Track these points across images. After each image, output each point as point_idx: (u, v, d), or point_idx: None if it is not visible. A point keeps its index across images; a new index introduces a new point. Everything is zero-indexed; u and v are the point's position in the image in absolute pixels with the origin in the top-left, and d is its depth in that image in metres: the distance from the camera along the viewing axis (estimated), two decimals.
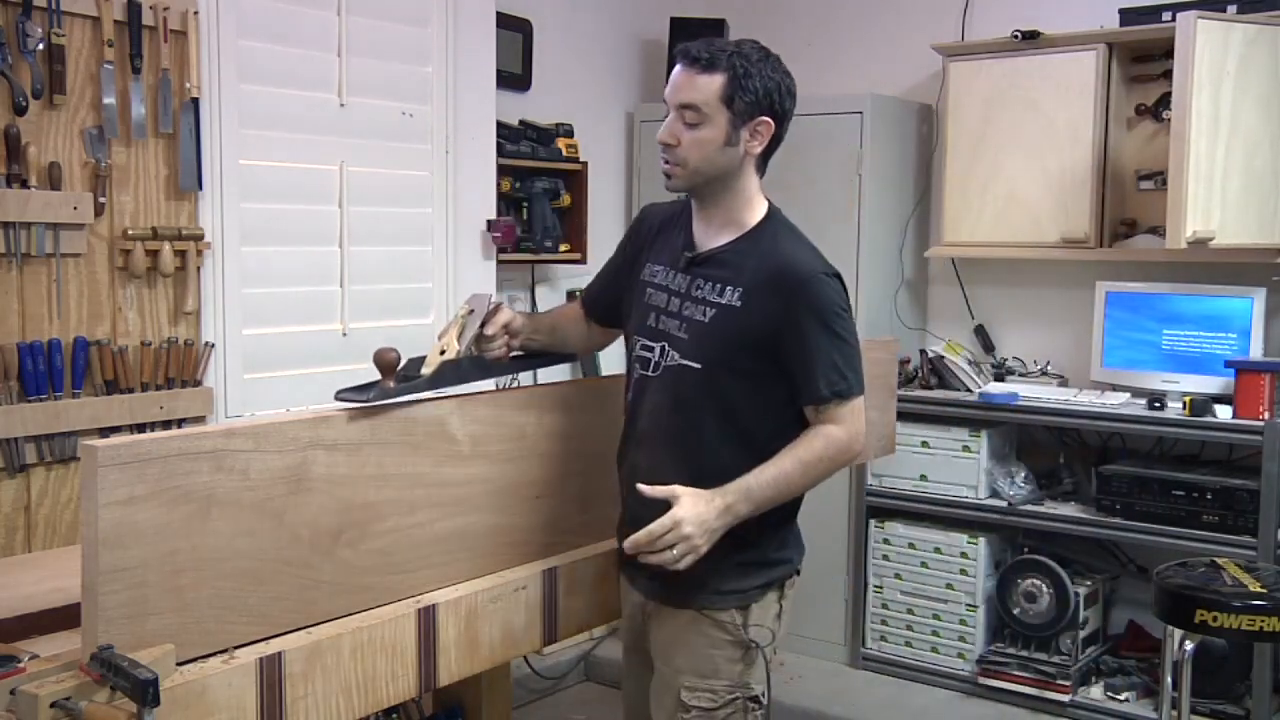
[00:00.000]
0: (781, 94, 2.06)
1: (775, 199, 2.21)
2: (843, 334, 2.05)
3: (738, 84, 2.01)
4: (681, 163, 2.05)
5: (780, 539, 2.15)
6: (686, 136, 2.03)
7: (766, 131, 2.06)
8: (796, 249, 2.10)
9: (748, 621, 2.09)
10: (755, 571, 2.11)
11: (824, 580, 4.28)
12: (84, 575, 1.59)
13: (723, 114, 2.01)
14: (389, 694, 1.95)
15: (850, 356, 2.06)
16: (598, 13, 4.56)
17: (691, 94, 2.01)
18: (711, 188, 2.09)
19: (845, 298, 2.09)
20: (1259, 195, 3.57)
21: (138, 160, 2.90)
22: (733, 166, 2.06)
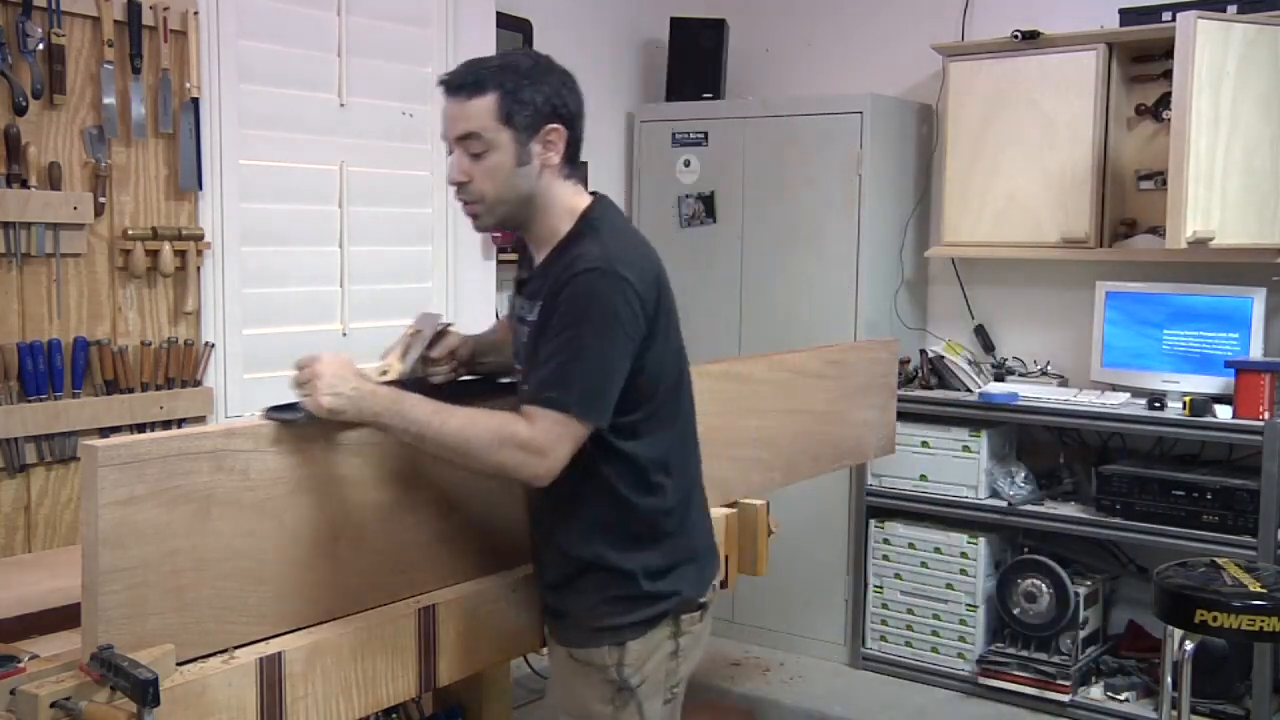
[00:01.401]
0: (562, 96, 1.91)
1: (775, 199, 2.19)
2: (581, 338, 1.82)
3: (512, 99, 1.86)
4: (479, 199, 1.90)
5: (657, 569, 1.96)
6: (476, 170, 1.88)
7: (559, 138, 1.91)
8: (588, 246, 1.88)
9: (623, 661, 1.94)
10: (631, 607, 1.95)
11: (824, 580, 4.28)
12: (84, 575, 1.59)
13: (505, 134, 1.87)
14: (389, 694, 1.94)
15: (577, 368, 1.82)
16: (598, 13, 4.56)
17: (467, 123, 1.87)
18: (522, 213, 1.94)
19: (616, 296, 1.83)
20: (1259, 195, 3.57)
21: (138, 160, 2.90)
22: (534, 185, 1.91)
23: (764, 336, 4.27)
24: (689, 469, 2.06)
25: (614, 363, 1.84)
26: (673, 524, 1.99)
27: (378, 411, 1.79)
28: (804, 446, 3.00)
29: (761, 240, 4.33)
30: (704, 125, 4.44)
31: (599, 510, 1.94)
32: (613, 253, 1.86)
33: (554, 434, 1.81)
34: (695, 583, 2.02)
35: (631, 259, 1.89)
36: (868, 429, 3.27)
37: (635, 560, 1.94)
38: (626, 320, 1.84)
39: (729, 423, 2.70)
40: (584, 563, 1.96)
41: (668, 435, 1.98)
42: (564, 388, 1.81)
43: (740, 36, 4.72)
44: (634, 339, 1.85)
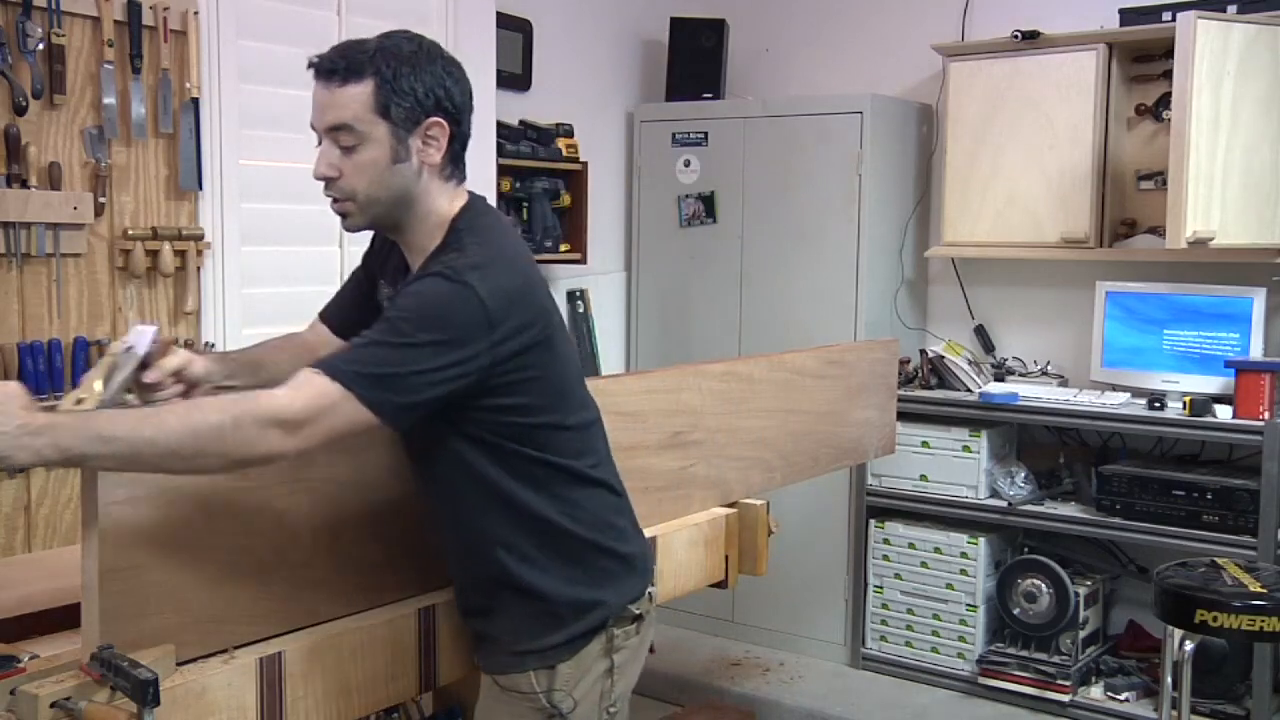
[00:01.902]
0: (447, 88, 1.73)
1: (775, 199, 2.16)
2: (398, 328, 1.62)
3: (390, 89, 1.68)
4: (350, 196, 1.72)
5: (574, 578, 1.82)
6: (346, 164, 1.70)
7: (441, 134, 1.73)
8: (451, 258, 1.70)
9: (553, 685, 1.80)
10: (553, 626, 1.80)
11: (824, 580, 4.28)
12: (84, 575, 1.59)
13: (381, 127, 1.69)
14: (389, 694, 1.94)
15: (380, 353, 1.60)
16: (598, 13, 4.56)
17: (338, 113, 1.68)
18: (395, 214, 1.75)
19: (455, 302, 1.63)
20: (1259, 195, 3.57)
21: (138, 160, 2.90)
22: (410, 184, 1.73)
23: (764, 336, 4.27)
24: (604, 474, 1.90)
25: (424, 366, 1.60)
26: (589, 531, 1.84)
27: (65, 445, 1.44)
28: (804, 446, 3.00)
29: (761, 240, 4.33)
30: (704, 125, 4.43)
31: (503, 523, 1.79)
32: (467, 262, 1.67)
33: (317, 403, 1.55)
34: (623, 591, 1.88)
35: (490, 268, 1.68)
36: (868, 429, 3.27)
37: (550, 574, 1.80)
38: (462, 328, 1.63)
39: (729, 423, 2.71)
40: (496, 581, 1.82)
41: (571, 442, 1.82)
42: (351, 363, 1.59)
43: (740, 36, 4.72)
44: (472, 348, 1.64)
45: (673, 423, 2.53)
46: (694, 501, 2.63)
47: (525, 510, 1.79)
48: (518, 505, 1.78)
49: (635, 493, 2.39)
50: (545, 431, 1.78)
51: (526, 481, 1.78)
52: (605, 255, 4.57)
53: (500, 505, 1.78)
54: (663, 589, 2.46)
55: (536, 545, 1.81)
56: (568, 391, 1.84)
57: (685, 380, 2.60)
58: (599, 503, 1.88)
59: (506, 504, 1.78)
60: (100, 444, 1.46)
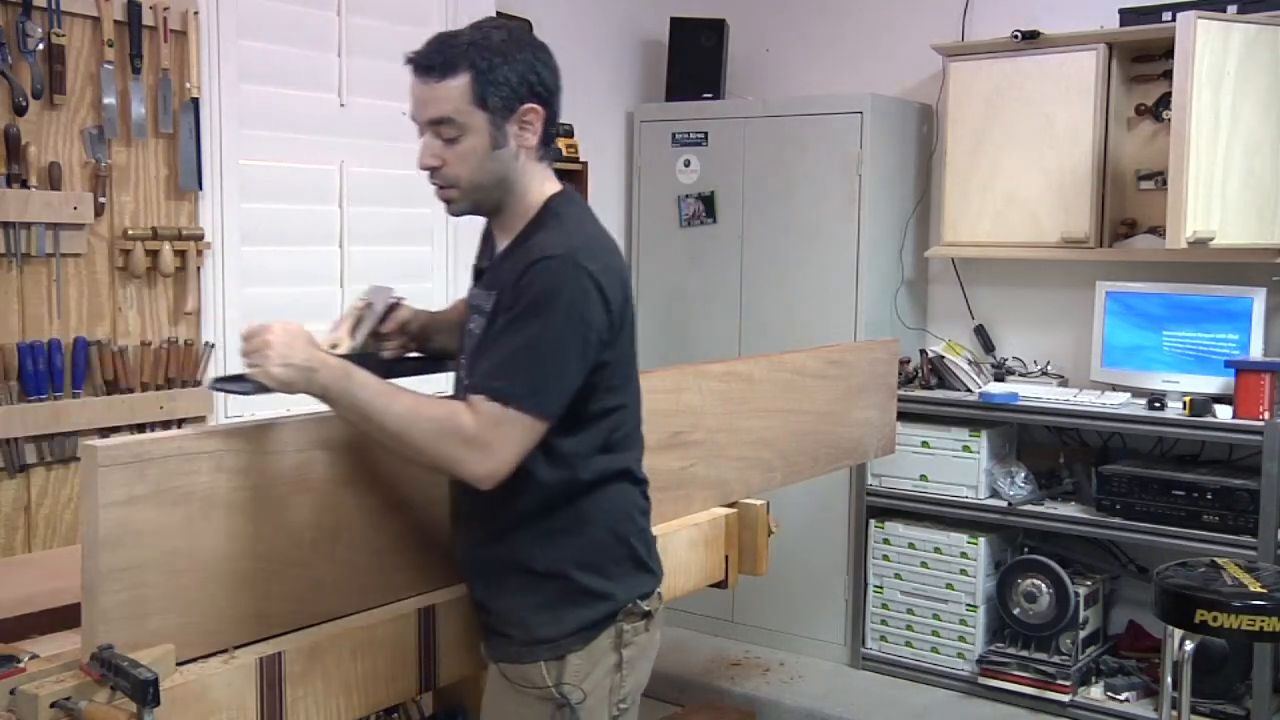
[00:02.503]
0: (539, 73, 1.80)
1: (775, 199, 2.17)
2: (536, 329, 1.71)
3: (486, 80, 1.75)
4: (453, 183, 1.82)
5: (581, 563, 1.84)
6: (449, 154, 1.80)
7: (536, 119, 1.81)
8: (548, 235, 1.79)
9: (562, 677, 1.82)
10: (564, 612, 1.83)
11: (824, 580, 4.28)
12: (84, 575, 1.59)
13: (479, 117, 1.77)
14: (389, 694, 1.94)
15: (530, 359, 1.71)
16: (598, 13, 4.56)
17: (439, 107, 1.77)
18: (494, 197, 1.84)
19: (576, 288, 1.72)
20: (1259, 195, 3.57)
21: (138, 160, 2.90)
22: (510, 168, 1.82)
23: (764, 336, 4.27)
24: (632, 464, 1.93)
25: (569, 358, 1.73)
26: (605, 517, 1.86)
27: (326, 385, 1.69)
28: (804, 446, 3.00)
29: (761, 240, 4.33)
30: (704, 125, 4.43)
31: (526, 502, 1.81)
32: (575, 244, 1.77)
33: (500, 429, 1.70)
34: (634, 586, 1.90)
35: (595, 252, 1.78)
36: (868, 429, 3.27)
37: (562, 556, 1.83)
38: (586, 315, 1.73)
39: (729, 423, 2.71)
40: (509, 564, 1.85)
41: (613, 433, 1.87)
42: (513, 378, 1.70)
43: (740, 36, 4.72)
44: (594, 333, 1.75)
45: (673, 423, 2.53)
46: (694, 501, 2.63)
47: (551, 492, 1.82)
48: (545, 487, 1.81)
49: None
50: (601, 417, 1.83)
51: (559, 465, 1.81)
52: None
53: (528, 485, 1.80)
54: (663, 589, 2.46)
55: (554, 528, 1.84)
56: (631, 378, 1.92)
57: (685, 380, 2.60)
58: (625, 494, 1.91)
59: (535, 484, 1.80)
60: (347, 396, 1.70)
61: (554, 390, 1.73)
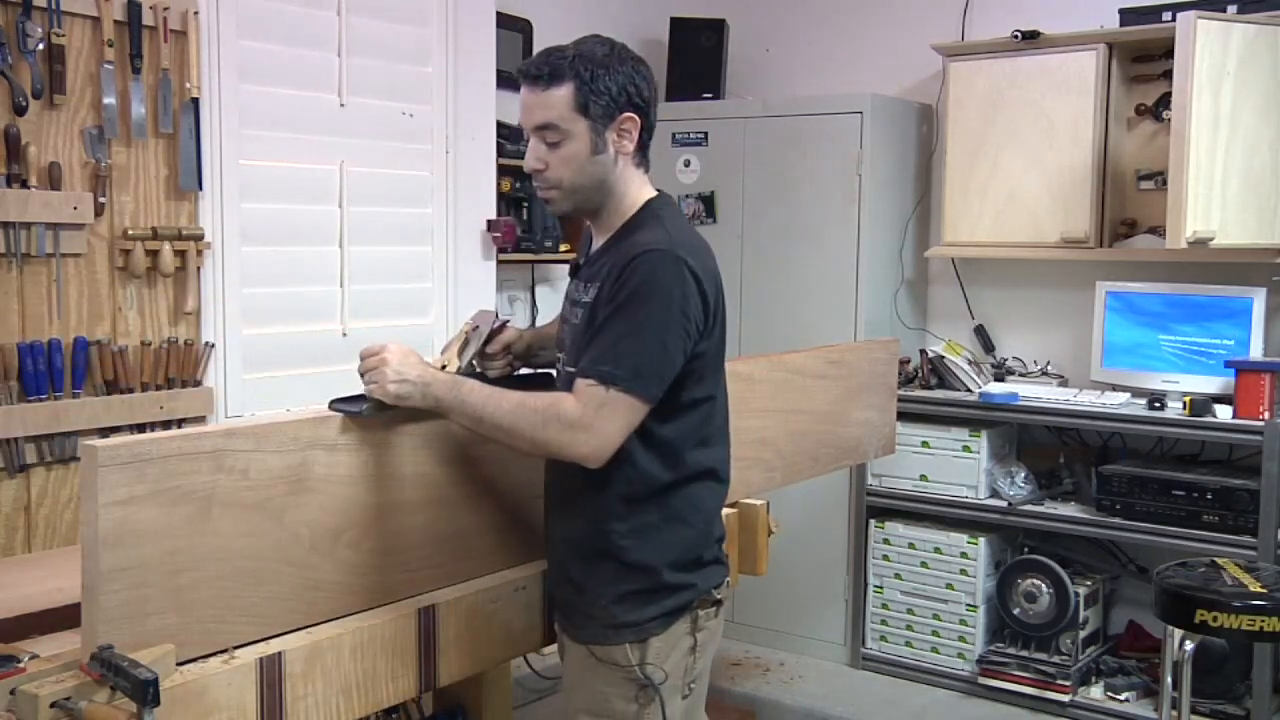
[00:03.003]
0: (637, 85, 1.94)
1: (775, 199, 2.20)
2: (638, 316, 1.83)
3: (588, 89, 1.90)
4: (556, 185, 1.95)
5: (673, 562, 1.95)
6: (553, 158, 1.93)
7: (633, 127, 1.94)
8: (649, 232, 1.91)
9: (645, 658, 1.94)
10: (648, 601, 1.94)
11: (824, 580, 4.28)
12: (84, 575, 1.59)
13: (581, 123, 1.91)
14: (389, 694, 1.94)
15: (633, 344, 1.83)
16: (598, 13, 4.56)
17: (544, 113, 1.91)
18: (594, 199, 1.97)
19: (677, 278, 1.85)
20: (1259, 195, 3.57)
21: (138, 160, 2.90)
22: (608, 172, 1.95)
23: (764, 336, 4.27)
24: (719, 464, 2.04)
25: (670, 343, 1.84)
26: (696, 516, 1.98)
27: (440, 397, 1.86)
28: (804, 446, 3.00)
29: (761, 240, 4.33)
30: (704, 125, 4.44)
31: (626, 498, 1.92)
32: (676, 239, 1.88)
33: (603, 410, 1.81)
34: (710, 577, 2.01)
35: (694, 248, 1.91)
36: (868, 429, 3.27)
37: (656, 552, 1.93)
38: (686, 304, 1.85)
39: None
40: (603, 553, 1.94)
41: (705, 426, 1.97)
42: (616, 362, 1.82)
43: (740, 36, 4.72)
44: (691, 324, 1.86)
45: None
46: None
47: (651, 489, 1.92)
48: (647, 483, 1.92)
49: None
50: (692, 414, 1.93)
51: (660, 461, 1.92)
52: None
53: (630, 481, 1.91)
54: None
55: (650, 525, 1.93)
56: (721, 372, 2.02)
57: None
58: (714, 493, 2.02)
59: (637, 480, 1.91)
60: (460, 404, 1.86)
61: (655, 373, 1.84)
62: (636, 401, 1.83)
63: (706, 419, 1.98)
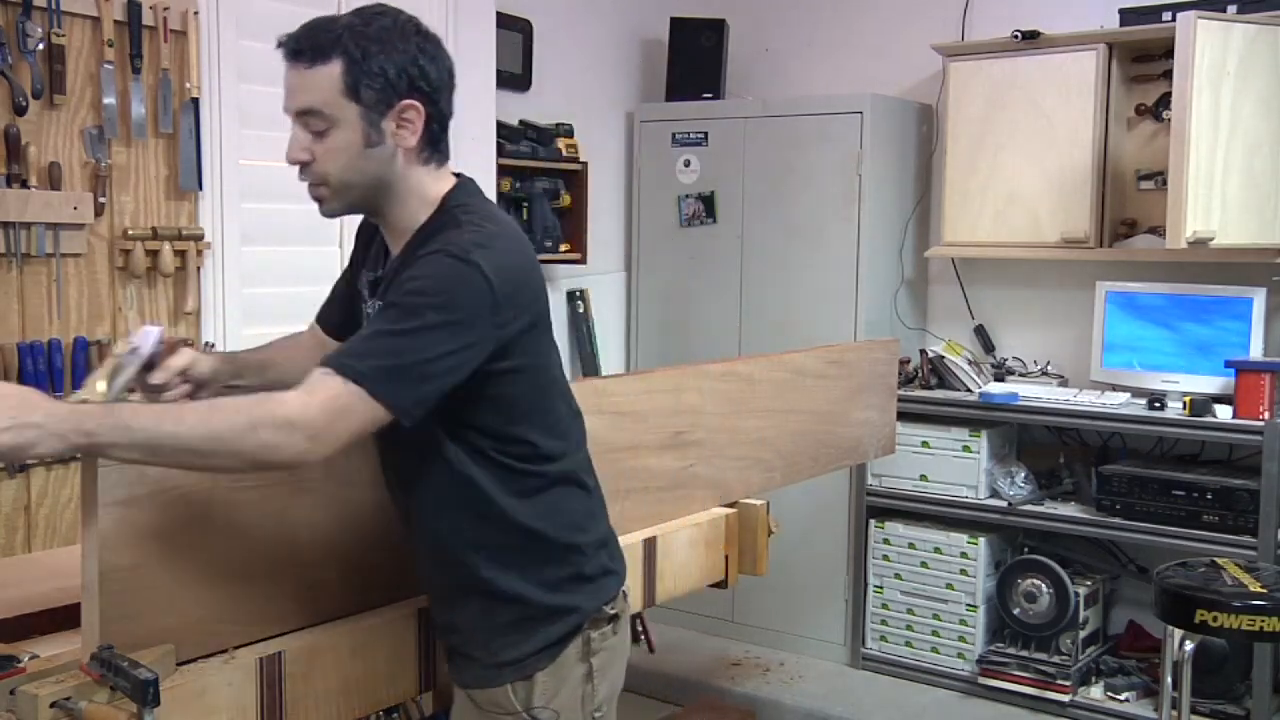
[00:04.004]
0: (421, 66, 1.64)
1: (775, 199, 2.14)
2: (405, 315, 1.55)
3: (358, 69, 1.61)
4: (323, 180, 1.66)
5: (545, 584, 1.74)
6: (318, 149, 1.64)
7: (417, 117, 1.65)
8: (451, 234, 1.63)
9: (531, 699, 1.73)
10: (528, 633, 1.74)
11: (824, 580, 4.28)
12: (84, 575, 1.58)
13: (351, 110, 1.62)
14: (389, 694, 1.94)
15: (393, 344, 1.53)
16: (598, 13, 4.56)
17: (306, 97, 1.64)
18: (373, 198, 1.69)
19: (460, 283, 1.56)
20: (1259, 195, 3.57)
21: (138, 160, 2.90)
22: (387, 169, 1.66)
23: (764, 336, 4.26)
24: (576, 469, 1.82)
25: (437, 351, 1.54)
26: (562, 530, 1.77)
27: (89, 430, 1.40)
28: (804, 446, 3.00)
29: (761, 240, 4.33)
30: (704, 125, 4.43)
31: (475, 523, 1.72)
32: (471, 240, 1.60)
33: (334, 406, 1.49)
34: (597, 593, 1.80)
35: (494, 247, 1.62)
36: (868, 429, 3.27)
37: (523, 578, 1.74)
38: (471, 309, 1.57)
39: (729, 423, 2.71)
40: (467, 588, 1.75)
41: (548, 436, 1.74)
42: (363, 358, 1.53)
43: (740, 36, 4.72)
44: (479, 330, 1.58)
45: (673, 423, 2.53)
46: (694, 501, 2.63)
47: (498, 509, 1.71)
48: (492, 504, 1.71)
49: (635, 492, 2.40)
50: (526, 425, 1.71)
51: (501, 479, 1.71)
52: (605, 255, 4.57)
53: (473, 503, 1.71)
54: (662, 589, 2.46)
55: (509, 547, 1.74)
56: (555, 381, 1.79)
57: (685, 380, 2.60)
58: (573, 502, 1.81)
59: (480, 502, 1.71)
60: (123, 433, 1.42)
61: (406, 380, 1.53)
62: (378, 408, 1.51)
63: (546, 427, 1.74)
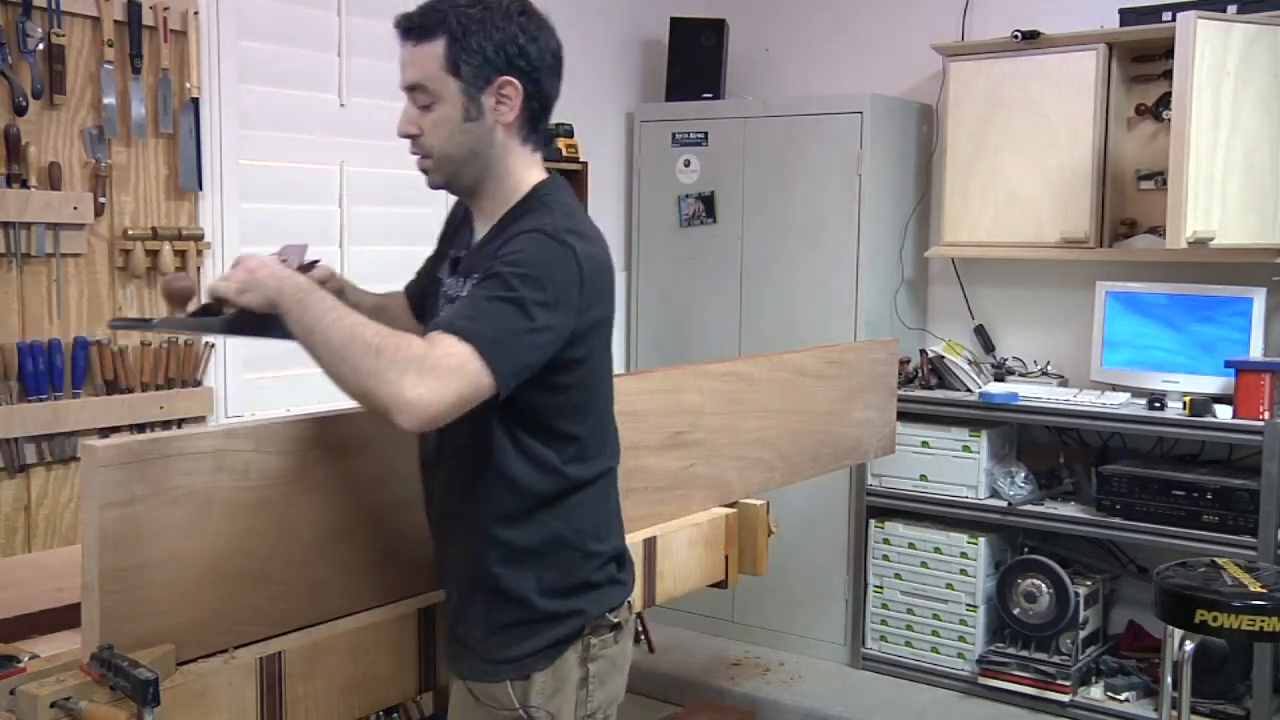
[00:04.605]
0: (521, 45, 1.70)
1: (775, 199, 2.14)
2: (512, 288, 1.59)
3: (459, 46, 1.68)
4: (428, 153, 1.75)
5: (551, 589, 1.76)
6: (424, 122, 1.73)
7: (515, 94, 1.71)
8: (536, 217, 1.70)
9: (528, 698, 1.75)
10: (528, 634, 1.76)
11: (824, 580, 4.28)
12: (84, 575, 1.59)
13: (451, 85, 1.69)
14: (389, 694, 1.95)
15: (499, 312, 1.58)
16: (598, 13, 4.56)
17: (414, 72, 1.72)
18: (470, 173, 1.76)
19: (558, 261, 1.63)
20: (1259, 195, 3.57)
21: (138, 160, 2.90)
22: (484, 144, 1.73)
23: (764, 336, 4.27)
24: (610, 482, 1.85)
25: (537, 328, 1.60)
26: (579, 536, 1.78)
27: (279, 288, 1.61)
28: (804, 446, 3.00)
29: (761, 240, 4.33)
30: (704, 125, 4.43)
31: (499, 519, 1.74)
32: (565, 225, 1.67)
33: (450, 362, 1.53)
34: (602, 600, 1.82)
35: (584, 235, 1.70)
36: (868, 429, 3.27)
37: (530, 581, 1.75)
38: (563, 290, 1.62)
39: (729, 423, 2.71)
40: (477, 581, 1.78)
41: (593, 438, 1.79)
42: (474, 320, 1.57)
43: (740, 36, 4.72)
44: (566, 313, 1.63)
45: (673, 423, 2.54)
46: (694, 501, 2.63)
47: (526, 507, 1.74)
48: (522, 499, 1.73)
49: (635, 492, 2.40)
50: (577, 421, 1.76)
51: (537, 477, 1.73)
52: None
53: (504, 499, 1.73)
54: (662, 589, 2.46)
55: (526, 549, 1.76)
56: (607, 387, 1.84)
57: (685, 380, 2.60)
58: (598, 512, 1.83)
59: (511, 497, 1.73)
60: (298, 307, 1.59)
61: (512, 352, 1.58)
62: (484, 373, 1.55)
63: (592, 429, 1.79)
